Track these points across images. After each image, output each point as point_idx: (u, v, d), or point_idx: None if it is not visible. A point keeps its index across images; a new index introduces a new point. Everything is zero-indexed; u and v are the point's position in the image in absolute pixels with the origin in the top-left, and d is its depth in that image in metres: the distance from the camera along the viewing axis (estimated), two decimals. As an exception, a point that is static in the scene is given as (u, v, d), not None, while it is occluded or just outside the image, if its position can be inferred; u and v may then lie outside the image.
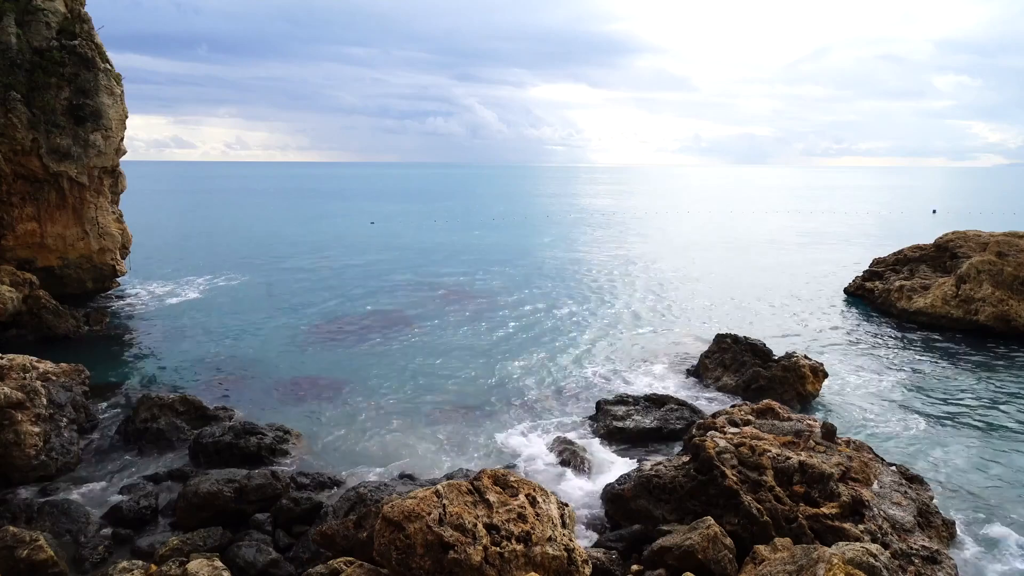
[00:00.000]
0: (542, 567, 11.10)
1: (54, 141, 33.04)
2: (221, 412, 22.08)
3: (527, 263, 55.17)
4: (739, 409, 18.89)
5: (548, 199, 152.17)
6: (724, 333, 27.16)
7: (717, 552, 12.97)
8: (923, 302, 35.16)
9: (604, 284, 46.26)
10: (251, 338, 32.01)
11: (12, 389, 18.28)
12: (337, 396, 24.43)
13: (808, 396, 23.84)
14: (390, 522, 11.12)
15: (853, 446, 16.81)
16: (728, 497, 14.38)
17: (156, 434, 19.99)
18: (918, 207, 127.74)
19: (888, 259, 42.58)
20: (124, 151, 37.31)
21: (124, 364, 28.12)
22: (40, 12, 33.28)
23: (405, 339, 31.93)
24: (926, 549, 13.40)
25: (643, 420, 20.99)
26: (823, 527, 13.65)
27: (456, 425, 21.98)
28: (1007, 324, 31.91)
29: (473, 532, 11.00)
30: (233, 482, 16.16)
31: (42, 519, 15.33)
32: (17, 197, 33.47)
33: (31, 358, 20.66)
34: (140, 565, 12.87)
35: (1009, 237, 35.20)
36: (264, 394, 24.71)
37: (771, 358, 25.16)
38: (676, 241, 71.68)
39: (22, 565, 13.05)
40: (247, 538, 14.82)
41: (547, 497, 12.38)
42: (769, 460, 15.08)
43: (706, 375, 26.15)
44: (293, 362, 28.38)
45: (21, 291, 31.02)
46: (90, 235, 35.57)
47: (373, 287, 44.51)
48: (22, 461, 17.45)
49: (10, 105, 31.64)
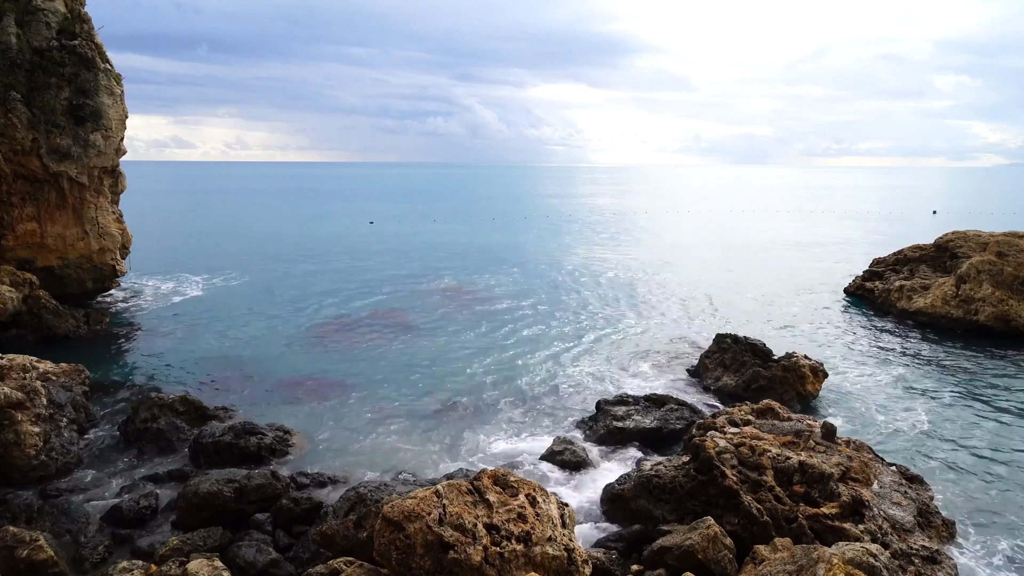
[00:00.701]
0: (542, 567, 11.10)
1: (54, 141, 33.03)
2: (221, 412, 22.09)
3: (527, 263, 55.18)
4: (739, 409, 18.89)
5: (548, 199, 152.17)
6: (724, 333, 27.17)
7: (717, 552, 12.97)
8: (923, 302, 35.17)
9: (604, 284, 46.26)
10: (251, 338, 32.02)
11: (12, 389, 18.28)
12: (337, 396, 24.43)
13: (808, 396, 23.84)
14: (390, 522, 11.12)
15: (853, 446, 16.81)
16: (728, 497, 14.39)
17: (156, 434, 19.99)
18: (918, 207, 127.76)
19: (888, 259, 42.58)
20: (124, 151, 37.30)
21: (124, 364, 28.13)
22: (40, 12, 33.26)
23: (405, 339, 31.94)
24: (926, 549, 13.40)
25: (643, 420, 20.98)
26: (823, 527, 13.65)
27: (456, 425, 21.98)
28: (1007, 324, 31.91)
29: (473, 532, 11.00)
30: (233, 482, 16.16)
31: (42, 519, 15.34)
32: (17, 197, 33.46)
33: (31, 358, 20.66)
34: (140, 565, 12.87)
35: (1009, 237, 35.21)
36: (264, 394, 24.71)
37: (771, 358, 25.16)
38: (676, 241, 71.68)
39: (22, 565, 13.05)
40: (247, 538, 14.82)
41: (547, 497, 12.38)
42: (769, 460, 15.08)
43: (706, 375, 26.15)
44: (293, 362, 28.38)
45: (21, 291, 31.02)
46: (90, 235, 35.56)
47: (373, 287, 44.52)
48: (22, 461, 17.45)
49: (10, 105, 31.64)
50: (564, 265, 54.31)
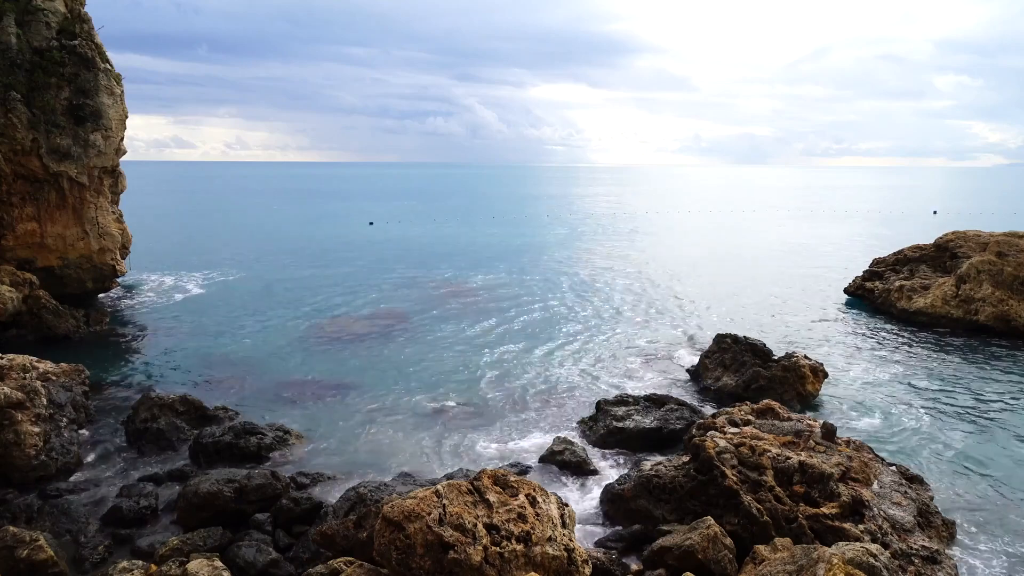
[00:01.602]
0: (542, 567, 11.10)
1: (54, 141, 33.04)
2: (221, 412, 22.07)
3: (527, 263, 55.18)
4: (739, 409, 18.89)
5: (548, 199, 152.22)
6: (724, 333, 27.15)
7: (717, 552, 12.97)
8: (923, 302, 35.16)
9: (604, 284, 46.26)
10: (251, 338, 32.02)
11: (12, 389, 18.28)
12: (337, 396, 24.43)
13: (808, 396, 23.84)
14: (390, 522, 11.12)
15: (853, 446, 16.81)
16: (728, 497, 14.38)
17: (156, 434, 19.99)
18: (918, 207, 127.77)
19: (888, 259, 42.57)
20: (124, 151, 37.32)
21: (124, 364, 28.12)
22: (40, 12, 33.28)
23: (405, 339, 31.94)
24: (926, 549, 13.40)
25: (643, 420, 20.98)
26: (823, 527, 13.65)
27: (456, 425, 21.97)
28: (1007, 324, 31.92)
29: (473, 532, 11.00)
30: (233, 482, 16.15)
31: (42, 519, 15.34)
32: (17, 197, 33.48)
33: (31, 358, 20.66)
34: (140, 565, 12.87)
35: (1009, 237, 35.21)
36: (264, 394, 24.71)
37: (771, 358, 25.15)
38: (676, 241, 71.71)
39: (22, 565, 13.04)
40: (247, 538, 14.81)
41: (547, 497, 12.38)
42: (769, 460, 15.08)
43: (706, 375, 26.14)
44: (293, 362, 28.38)
45: (21, 291, 31.02)
46: (90, 235, 35.57)
47: (372, 287, 44.53)
48: (22, 461, 17.44)
49: (10, 105, 31.64)
50: (564, 265, 54.31)
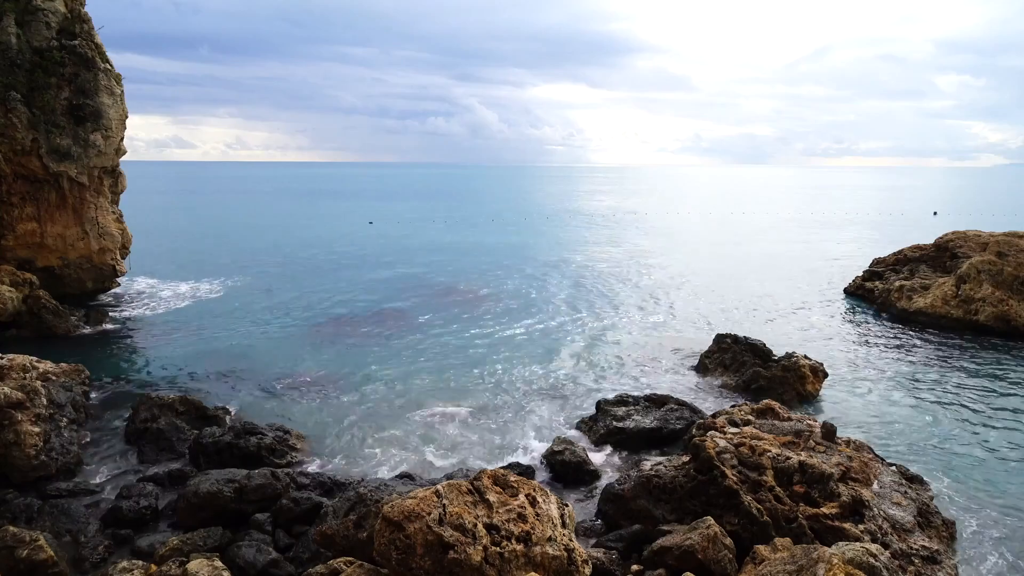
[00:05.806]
0: (542, 567, 11.09)
1: (54, 141, 33.03)
2: (221, 412, 22.08)
3: (527, 263, 55.17)
4: (739, 409, 18.89)
5: (548, 199, 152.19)
6: (724, 333, 27.17)
7: (717, 552, 12.97)
8: (923, 302, 35.17)
9: (604, 284, 46.26)
10: (251, 338, 32.01)
11: (12, 389, 18.28)
12: (337, 396, 24.44)
13: (808, 396, 23.85)
14: (390, 522, 11.11)
15: (853, 446, 16.81)
16: (728, 497, 14.38)
17: (156, 434, 19.98)
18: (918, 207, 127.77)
19: (888, 259, 42.60)
20: (124, 151, 37.30)
21: (124, 364, 28.12)
22: (40, 12, 33.26)
23: (405, 339, 31.93)
24: (926, 549, 13.40)
25: (643, 420, 20.98)
26: (823, 527, 13.65)
27: (456, 425, 21.98)
28: (1007, 324, 31.92)
29: (473, 532, 11.00)
30: (233, 482, 16.15)
31: (42, 519, 15.33)
32: (17, 197, 33.47)
33: (31, 358, 20.66)
34: (140, 565, 12.88)
35: (1009, 237, 35.22)
36: (264, 394, 24.72)
37: (771, 358, 25.16)
38: (676, 241, 71.69)
39: (22, 565, 13.05)
40: (247, 538, 14.81)
41: (547, 497, 12.38)
42: (769, 460, 15.08)
43: (706, 375, 26.16)
44: (293, 362, 28.37)
45: (21, 291, 31.02)
46: (90, 235, 35.56)
47: (372, 287, 44.52)
48: (22, 461, 17.44)
49: (10, 105, 31.63)
50: (564, 265, 54.30)
